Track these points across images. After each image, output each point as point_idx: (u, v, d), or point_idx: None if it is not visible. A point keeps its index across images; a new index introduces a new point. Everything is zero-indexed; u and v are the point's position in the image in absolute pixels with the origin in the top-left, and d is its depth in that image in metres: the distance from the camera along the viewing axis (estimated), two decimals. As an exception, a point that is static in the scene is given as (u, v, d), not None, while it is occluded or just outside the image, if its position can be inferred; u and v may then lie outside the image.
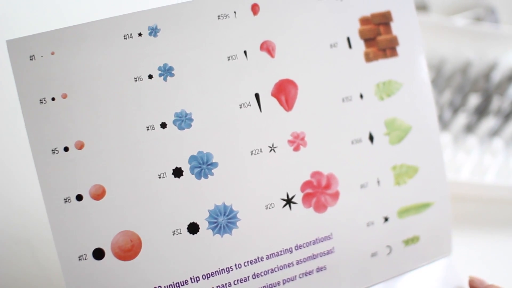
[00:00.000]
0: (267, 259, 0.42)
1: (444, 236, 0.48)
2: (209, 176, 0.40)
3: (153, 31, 0.40)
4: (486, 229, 0.69)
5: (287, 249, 0.42)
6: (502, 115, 0.80)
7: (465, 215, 0.68)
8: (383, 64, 0.45)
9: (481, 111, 0.81)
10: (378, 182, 0.45)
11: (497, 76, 0.85)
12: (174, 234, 0.40)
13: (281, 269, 0.42)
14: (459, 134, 0.79)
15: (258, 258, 0.42)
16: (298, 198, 0.42)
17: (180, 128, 0.40)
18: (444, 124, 0.79)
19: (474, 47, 0.86)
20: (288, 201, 0.42)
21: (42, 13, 0.58)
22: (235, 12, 0.41)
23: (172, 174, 0.40)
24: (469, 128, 0.80)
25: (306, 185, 0.43)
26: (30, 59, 0.38)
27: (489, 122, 0.78)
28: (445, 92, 0.79)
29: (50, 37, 0.38)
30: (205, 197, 0.40)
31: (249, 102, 0.41)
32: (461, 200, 0.69)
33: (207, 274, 0.40)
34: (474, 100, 0.80)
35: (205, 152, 0.40)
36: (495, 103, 0.80)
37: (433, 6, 0.90)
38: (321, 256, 0.43)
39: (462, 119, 0.77)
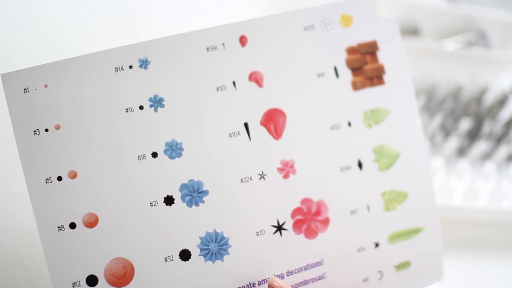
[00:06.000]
0: (259, 285, 0.42)
1: (435, 261, 0.48)
2: (200, 204, 0.41)
3: (144, 64, 0.41)
4: (479, 253, 0.69)
5: (278, 275, 0.43)
6: (493, 138, 0.81)
7: (457, 239, 0.68)
8: (371, 93, 0.46)
9: (473, 135, 0.81)
10: (368, 208, 0.45)
11: (489, 100, 0.86)
12: (166, 260, 0.40)
13: (273, 295, 0.43)
14: (451, 158, 0.79)
15: (250, 284, 0.42)
16: (288, 225, 0.43)
17: (171, 157, 0.41)
18: (436, 148, 0.79)
19: (466, 71, 0.87)
20: (279, 228, 0.43)
21: (35, 47, 0.59)
22: (223, 44, 0.42)
23: (164, 202, 0.40)
24: (461, 152, 0.80)
25: (296, 211, 0.43)
26: (24, 92, 0.39)
27: (481, 146, 0.78)
28: (437, 116, 0.80)
29: (43, 70, 0.39)
30: (197, 224, 0.41)
31: (239, 131, 0.42)
32: (453, 224, 0.69)
33: (199, 301, 0.41)
34: (466, 124, 0.80)
35: (195, 180, 0.41)
36: (487, 126, 0.81)
37: (425, 31, 0.91)
38: (312, 281, 0.44)
39: (454, 143, 0.78)
